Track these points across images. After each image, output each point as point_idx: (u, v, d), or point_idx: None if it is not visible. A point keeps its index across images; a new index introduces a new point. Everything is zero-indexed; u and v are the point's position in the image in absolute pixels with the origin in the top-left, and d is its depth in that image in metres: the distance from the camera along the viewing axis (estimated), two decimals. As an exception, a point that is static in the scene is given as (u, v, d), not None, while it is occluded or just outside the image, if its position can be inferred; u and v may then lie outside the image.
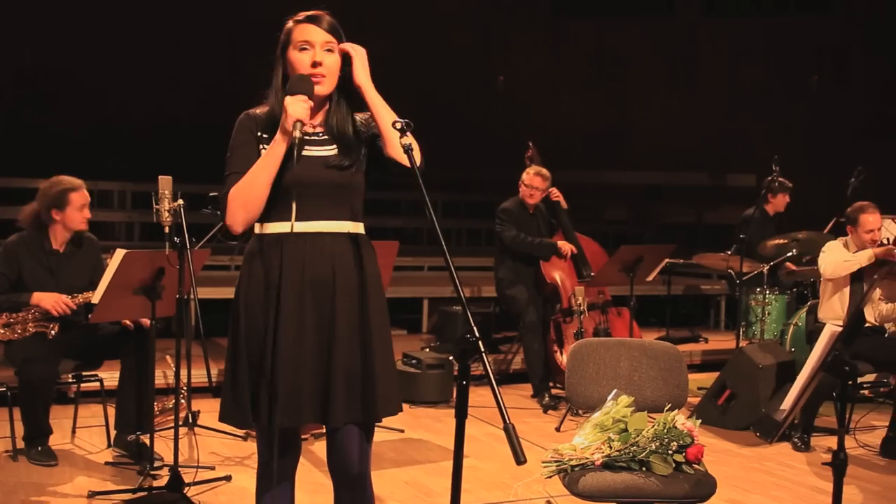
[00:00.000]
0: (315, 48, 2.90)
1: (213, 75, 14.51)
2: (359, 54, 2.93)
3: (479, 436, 6.11)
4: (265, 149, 2.88)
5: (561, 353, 7.06)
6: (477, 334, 2.40)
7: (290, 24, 2.96)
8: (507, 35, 16.26)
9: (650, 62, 15.71)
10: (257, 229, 2.96)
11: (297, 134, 2.75)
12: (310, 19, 2.93)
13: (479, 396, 7.15)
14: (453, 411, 2.44)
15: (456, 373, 7.10)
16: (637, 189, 16.02)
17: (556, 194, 7.40)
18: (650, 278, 7.41)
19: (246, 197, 2.83)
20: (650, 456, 3.26)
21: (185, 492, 4.57)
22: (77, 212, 5.36)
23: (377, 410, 2.94)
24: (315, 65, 2.88)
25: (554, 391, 7.12)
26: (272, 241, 2.91)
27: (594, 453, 3.30)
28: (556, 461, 3.34)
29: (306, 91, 2.83)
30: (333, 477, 3.05)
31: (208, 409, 6.13)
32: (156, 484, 4.78)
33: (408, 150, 2.66)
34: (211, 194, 5.62)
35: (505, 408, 2.35)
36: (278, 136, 2.82)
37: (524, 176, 7.25)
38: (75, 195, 5.36)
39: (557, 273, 7.19)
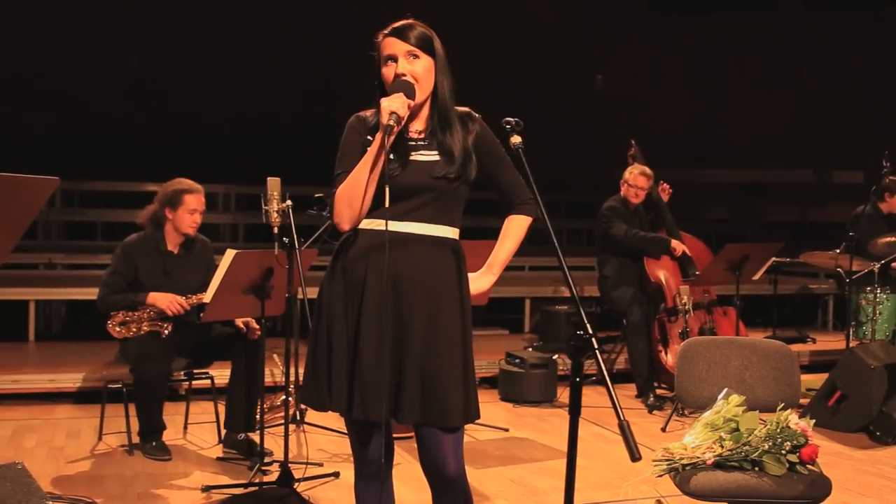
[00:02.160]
0: (398, 60, 2.94)
1: (311, 79, 14.73)
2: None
3: (584, 436, 6.08)
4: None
5: (665, 353, 7.00)
6: (590, 331, 2.40)
7: (378, 38, 3.01)
8: (605, 34, 16.16)
9: (751, 58, 15.46)
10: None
11: (391, 122, 2.78)
12: (392, 32, 2.97)
13: (583, 396, 7.13)
14: (557, 410, 2.45)
15: (561, 371, 7.11)
16: (739, 187, 15.76)
17: (664, 187, 7.35)
18: (756, 277, 7.30)
19: (350, 195, 2.87)
20: (763, 456, 3.22)
21: (294, 487, 4.66)
22: (187, 214, 5.50)
23: (460, 413, 2.93)
24: (398, 76, 2.92)
25: (659, 391, 7.05)
26: (365, 237, 2.96)
27: (705, 453, 3.27)
28: (666, 460, 3.32)
29: (403, 89, 2.87)
30: (428, 478, 3.05)
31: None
32: (266, 479, 4.88)
33: (518, 149, 2.68)
34: (316, 195, 5.71)
35: (619, 405, 2.35)
36: (378, 134, 2.85)
37: (627, 175, 7.19)
38: (189, 197, 5.50)
39: (662, 272, 7.12)
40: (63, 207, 12.10)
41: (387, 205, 2.79)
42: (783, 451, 3.22)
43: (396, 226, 2.90)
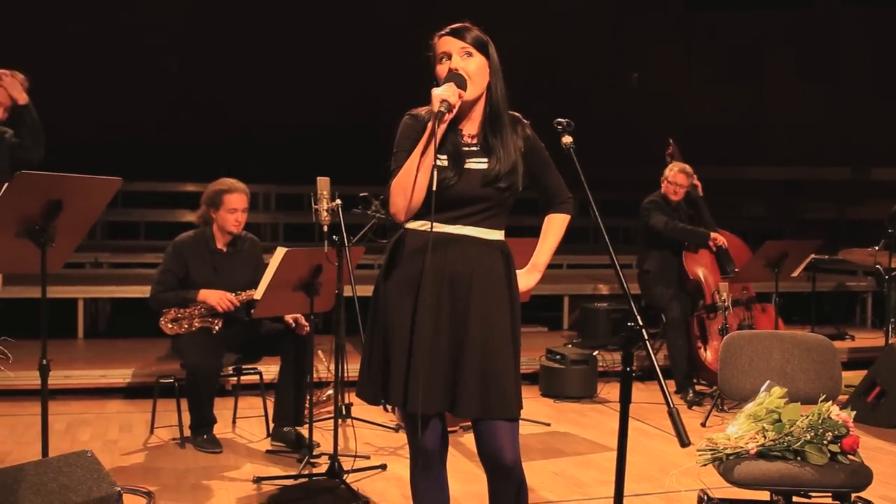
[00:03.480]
0: (453, 56, 3.05)
1: (350, 80, 14.87)
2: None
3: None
4: None
5: (705, 350, 7.07)
6: (640, 322, 2.50)
7: (435, 39, 3.12)
8: (640, 32, 16.19)
9: (787, 55, 15.41)
10: (407, 224, 3.13)
11: (442, 108, 2.89)
12: (449, 32, 3.09)
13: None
14: (598, 406, 2.54)
15: (601, 367, 7.20)
16: (776, 185, 15.73)
17: (696, 184, 7.43)
18: (795, 274, 7.35)
19: (404, 185, 2.99)
20: (805, 446, 3.30)
21: (344, 479, 4.78)
22: (228, 213, 5.64)
23: (515, 406, 3.05)
24: (451, 70, 3.03)
25: (698, 387, 7.11)
26: (418, 237, 3.06)
27: (748, 443, 3.36)
28: (710, 450, 3.41)
29: (454, 80, 2.98)
30: (486, 468, 3.16)
31: (359, 403, 6.33)
32: (315, 471, 5.00)
33: (569, 148, 2.79)
34: (361, 195, 5.84)
35: (668, 393, 2.45)
36: (430, 123, 2.95)
37: (668, 172, 7.26)
38: (228, 196, 5.64)
39: (700, 269, 7.19)
40: (108, 208, 12.25)
41: (433, 188, 2.88)
42: (825, 441, 3.30)
43: (449, 228, 3.02)
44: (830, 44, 15.14)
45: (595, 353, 7.33)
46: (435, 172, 2.88)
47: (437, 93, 2.93)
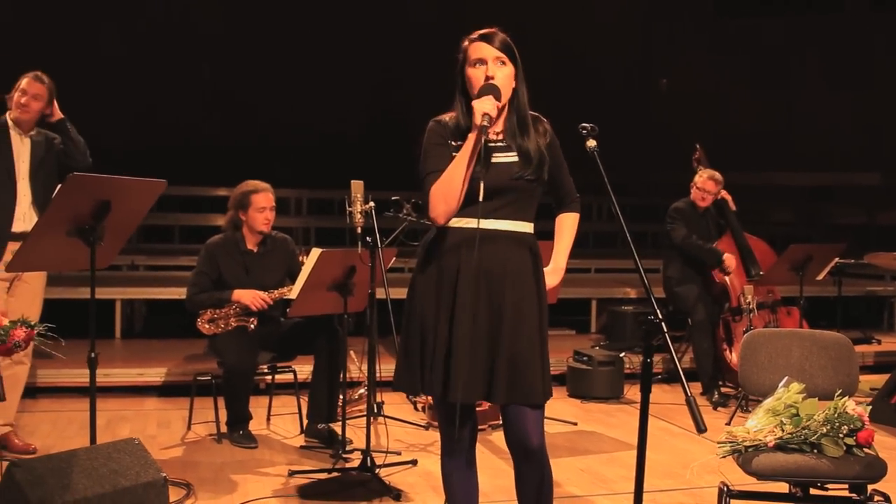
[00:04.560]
0: (487, 63, 3.20)
1: (378, 84, 15.05)
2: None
3: (650, 430, 6.21)
4: (455, 152, 3.19)
5: (731, 352, 7.17)
6: (660, 315, 2.63)
7: (465, 43, 3.27)
8: (669, 37, 16.27)
9: (816, 60, 15.44)
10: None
11: (485, 123, 3.05)
12: (482, 38, 3.23)
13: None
14: (624, 407, 2.67)
15: (628, 369, 7.31)
16: (804, 190, 15.75)
17: (725, 194, 7.52)
18: (820, 277, 7.43)
19: (446, 191, 3.14)
20: (821, 439, 3.42)
21: (376, 473, 4.93)
22: (257, 213, 5.81)
23: (540, 392, 3.22)
24: (488, 79, 3.18)
25: (723, 389, 7.22)
26: (453, 234, 3.23)
27: (767, 436, 3.47)
28: (730, 442, 3.53)
29: (492, 92, 3.13)
30: (513, 452, 3.32)
31: (390, 401, 6.49)
32: (348, 466, 5.16)
33: (594, 152, 2.94)
34: (393, 198, 5.99)
35: (686, 382, 2.58)
36: (471, 134, 3.12)
37: (697, 179, 7.36)
38: (256, 196, 5.82)
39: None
40: (143, 212, 12.50)
41: (480, 198, 3.08)
42: (841, 435, 3.42)
43: (483, 223, 3.15)
44: (859, 49, 15.15)
45: (622, 354, 7.45)
46: (482, 185, 3.09)
47: (479, 107, 3.08)
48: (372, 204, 5.02)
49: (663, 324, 2.64)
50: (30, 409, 6.50)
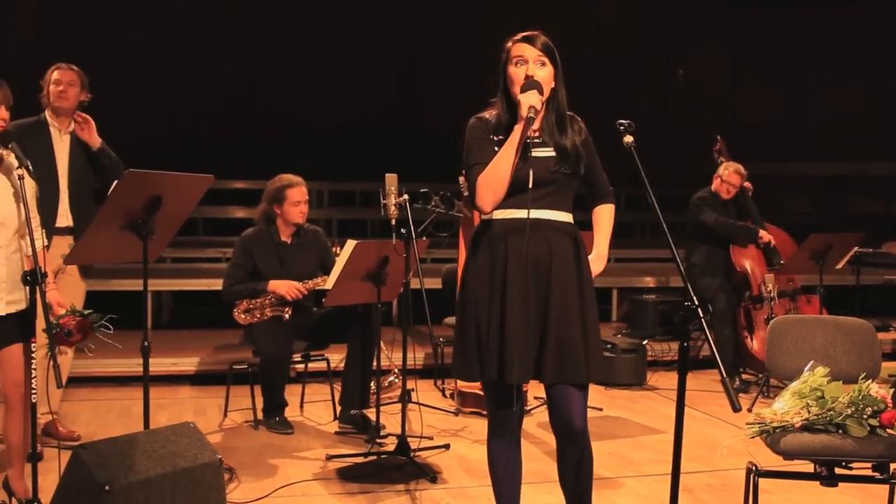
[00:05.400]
0: (528, 63, 3.38)
1: (398, 78, 15.18)
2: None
3: (674, 415, 6.42)
4: (498, 146, 3.36)
5: (751, 339, 7.31)
6: (696, 302, 2.79)
7: (508, 43, 3.45)
8: (685, 29, 16.35)
9: (832, 51, 15.51)
10: (484, 216, 3.48)
11: (531, 114, 3.25)
12: (524, 39, 3.42)
13: (669, 380, 7.51)
14: (647, 393, 2.81)
15: (650, 357, 7.44)
16: (820, 181, 15.83)
17: (746, 183, 7.66)
18: (839, 266, 7.55)
19: (493, 180, 3.32)
20: (846, 420, 3.56)
21: (412, 456, 5.10)
22: (293, 207, 5.98)
23: (585, 372, 3.39)
24: (528, 77, 3.36)
25: (744, 376, 7.37)
26: (500, 225, 3.41)
27: (794, 417, 3.62)
28: (759, 423, 3.68)
29: (536, 87, 3.32)
30: (556, 432, 3.49)
31: (419, 389, 6.64)
32: (383, 450, 5.32)
33: (631, 147, 3.10)
34: (421, 191, 6.14)
35: (721, 362, 2.73)
36: (517, 126, 3.31)
37: (722, 172, 7.46)
38: (291, 191, 5.99)
39: (747, 262, 7.42)
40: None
41: (530, 185, 3.30)
42: (865, 416, 3.56)
43: (524, 213, 3.32)
44: (876, 40, 15.20)
45: (644, 342, 7.61)
46: (531, 172, 3.29)
47: (525, 100, 3.27)
48: (406, 196, 5.18)
49: (699, 310, 2.78)
50: (68, 398, 6.67)
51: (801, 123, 15.47)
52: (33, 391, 3.89)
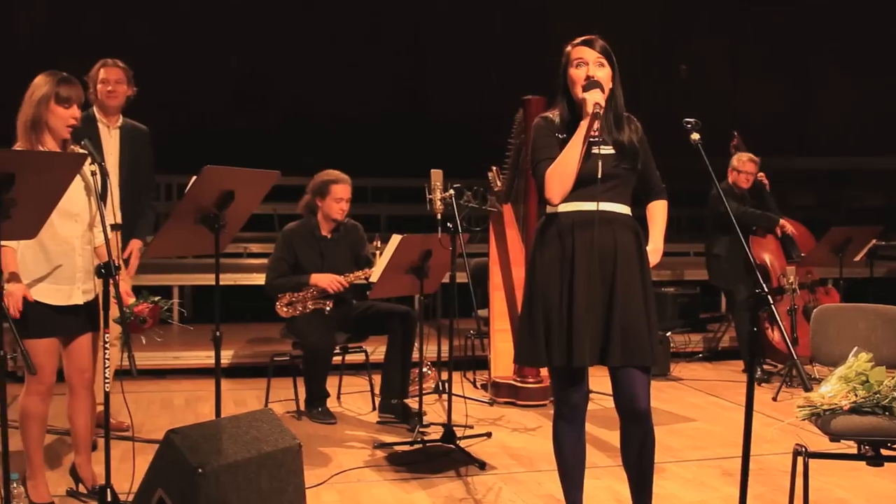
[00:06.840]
0: (588, 64, 3.59)
1: (401, 70, 15.30)
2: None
3: (703, 404, 6.64)
4: (562, 144, 3.55)
5: (772, 330, 7.49)
6: (766, 289, 2.97)
7: (568, 48, 3.67)
8: (689, 23, 16.50)
9: (835, 44, 15.66)
10: (549, 209, 3.66)
11: (597, 110, 3.46)
12: (584, 42, 3.65)
13: (691, 371, 7.69)
14: (672, 383, 2.96)
15: (673, 349, 7.55)
16: (824, 175, 15.99)
17: (762, 176, 7.83)
18: (858, 258, 7.74)
19: (562, 173, 3.52)
20: (893, 402, 3.75)
21: (457, 444, 5.27)
22: (334, 202, 6.14)
23: (650, 355, 3.60)
24: (588, 78, 3.57)
25: (765, 366, 7.54)
26: (567, 217, 3.60)
27: (842, 400, 3.80)
28: (809, 406, 3.86)
29: (598, 86, 3.53)
30: (621, 413, 3.70)
31: (458, 380, 6.81)
32: (428, 438, 5.49)
33: (698, 144, 3.28)
34: (454, 186, 6.31)
35: (791, 343, 2.90)
36: (583, 121, 3.50)
37: (736, 162, 7.65)
38: (335, 187, 6.15)
39: (767, 254, 7.61)
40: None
41: (599, 174, 3.50)
42: (910, 399, 3.76)
43: (591, 206, 3.54)
44: (878, 33, 15.35)
45: (667, 333, 7.79)
46: (600, 164, 3.50)
47: (592, 97, 3.48)
48: (451, 192, 5.35)
49: (770, 296, 2.96)
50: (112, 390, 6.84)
51: (805, 117, 15.63)
52: (106, 381, 4.05)
